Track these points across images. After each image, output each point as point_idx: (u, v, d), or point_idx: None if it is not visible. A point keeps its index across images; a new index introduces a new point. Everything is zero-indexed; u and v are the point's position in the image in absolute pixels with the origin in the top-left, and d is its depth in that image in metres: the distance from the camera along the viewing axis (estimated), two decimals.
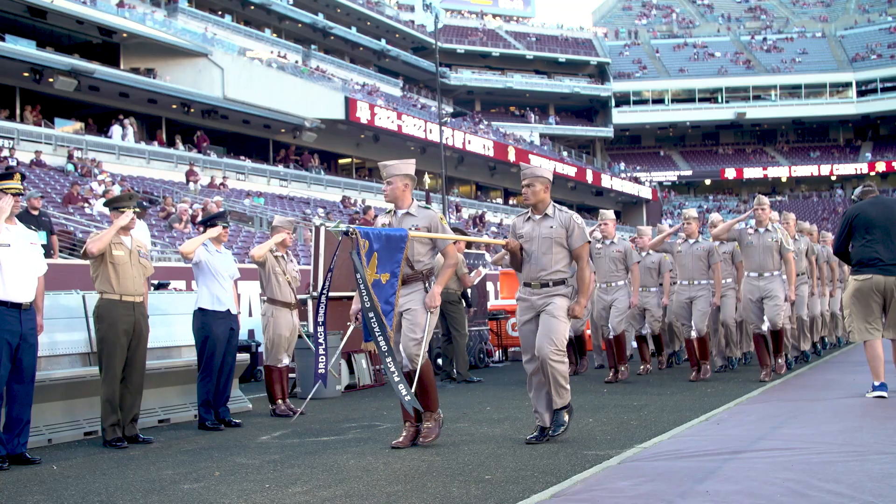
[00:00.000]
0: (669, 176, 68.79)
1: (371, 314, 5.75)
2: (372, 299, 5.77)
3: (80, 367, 7.36)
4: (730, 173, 67.51)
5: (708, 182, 69.27)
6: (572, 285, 6.17)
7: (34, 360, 6.15)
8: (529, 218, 6.26)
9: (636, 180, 62.19)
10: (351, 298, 10.57)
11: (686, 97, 67.46)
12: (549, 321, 6.01)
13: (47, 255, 8.86)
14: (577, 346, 11.48)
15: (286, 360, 8.46)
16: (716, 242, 10.18)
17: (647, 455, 5.28)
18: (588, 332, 12.03)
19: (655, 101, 67.54)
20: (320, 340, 6.34)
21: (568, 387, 6.07)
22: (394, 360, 5.71)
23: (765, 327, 9.36)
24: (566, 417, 6.10)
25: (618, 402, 8.27)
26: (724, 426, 6.42)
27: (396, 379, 5.69)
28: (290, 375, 9.34)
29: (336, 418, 7.95)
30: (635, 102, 67.38)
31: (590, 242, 6.22)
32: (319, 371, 6.39)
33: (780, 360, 9.55)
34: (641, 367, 10.90)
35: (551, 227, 6.11)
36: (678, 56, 71.02)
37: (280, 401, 8.34)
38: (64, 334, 7.42)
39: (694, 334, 9.93)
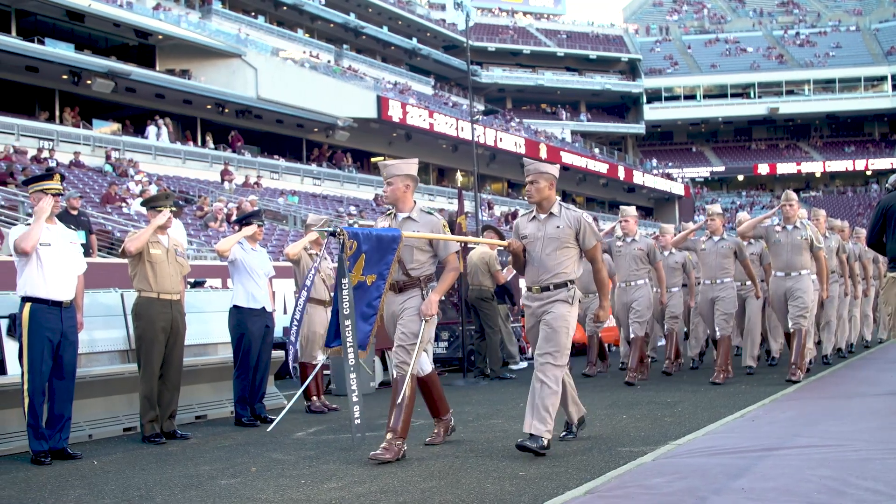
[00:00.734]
0: (702, 172, 68.25)
1: (347, 322, 5.37)
2: (350, 307, 5.38)
3: (119, 364, 7.48)
4: (763, 169, 66.84)
5: (741, 178, 68.64)
6: (575, 287, 5.71)
7: (75, 358, 6.26)
8: (534, 217, 5.85)
9: (668, 177, 61.77)
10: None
11: (718, 93, 66.84)
12: (548, 333, 5.60)
13: (86, 254, 8.99)
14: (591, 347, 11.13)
15: (321, 357, 8.53)
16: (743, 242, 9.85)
17: (682, 452, 5.27)
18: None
19: (687, 97, 67.00)
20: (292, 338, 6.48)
21: (552, 417, 5.47)
22: (358, 377, 5.33)
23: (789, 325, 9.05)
24: (545, 442, 5.45)
25: (651, 398, 8.24)
26: (758, 423, 6.39)
27: (354, 399, 5.30)
28: (325, 372, 9.41)
29: (370, 414, 7.97)
30: (667, 98, 66.88)
31: (601, 241, 5.87)
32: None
33: (798, 365, 8.94)
34: (666, 363, 10.69)
35: (557, 226, 5.70)
36: (710, 52, 70.42)
37: (315, 397, 8.41)
38: (103, 332, 7.54)
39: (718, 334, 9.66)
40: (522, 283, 6.43)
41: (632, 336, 9.82)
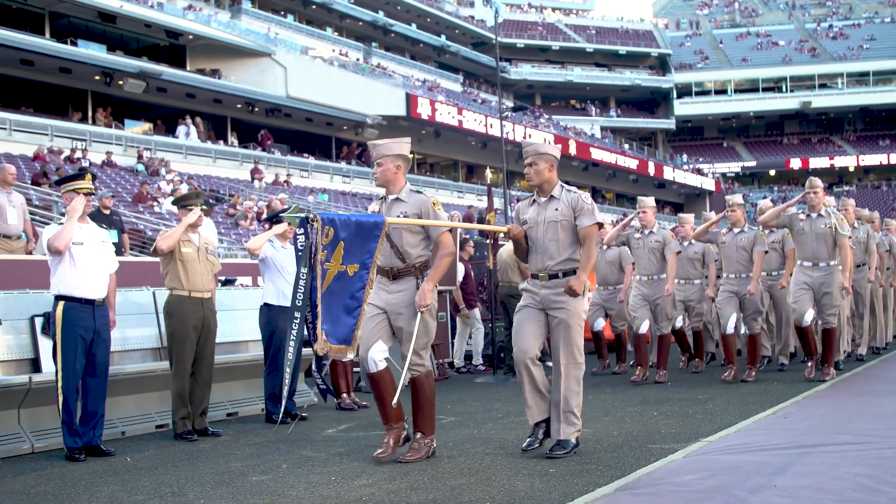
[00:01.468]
0: (733, 167, 67.64)
1: (297, 315, 5.14)
2: (305, 298, 5.15)
3: (151, 362, 7.54)
4: (795, 163, 66.08)
5: (772, 173, 67.95)
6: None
7: (107, 355, 6.32)
8: (534, 201, 5.61)
9: (699, 172, 61.32)
10: None
11: (749, 87, 66.23)
12: (564, 333, 5.41)
13: (118, 252, 9.07)
14: (597, 344, 10.97)
15: (351, 355, 8.51)
16: (765, 231, 9.41)
17: (713, 449, 5.24)
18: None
19: (718, 92, 66.45)
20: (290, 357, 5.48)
21: (579, 413, 5.46)
22: (291, 373, 5.27)
23: (807, 317, 8.63)
24: (573, 441, 5.44)
25: (682, 395, 8.19)
26: (791, 420, 6.32)
27: (286, 396, 5.32)
28: (355, 369, 9.42)
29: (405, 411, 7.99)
30: (697, 93, 66.38)
31: (601, 225, 5.54)
32: (320, 385, 5.77)
33: (829, 367, 8.75)
34: (694, 362, 10.43)
35: (557, 209, 5.47)
36: (741, 45, 69.79)
37: (345, 394, 8.44)
38: (135, 330, 7.61)
39: (744, 331, 9.37)
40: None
41: (658, 334, 9.63)
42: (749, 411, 6.80)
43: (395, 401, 5.38)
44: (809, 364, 8.87)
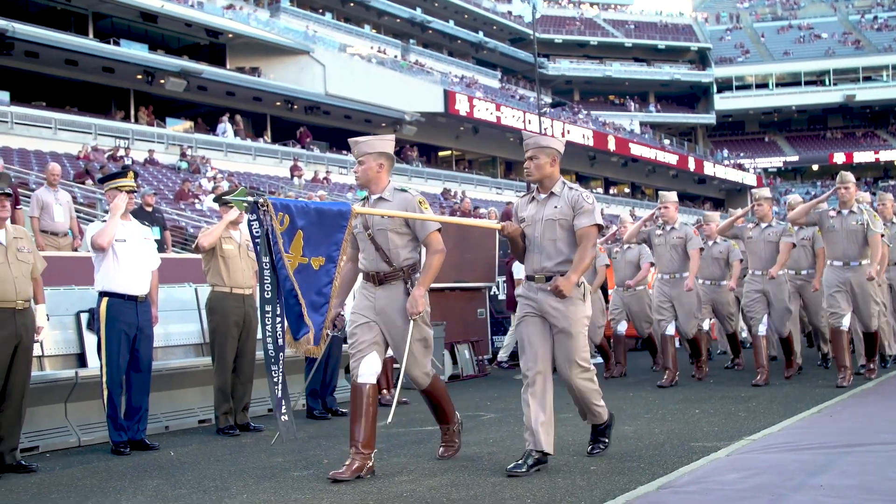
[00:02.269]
0: (775, 162, 66.80)
1: (268, 307, 4.78)
2: (274, 290, 4.77)
3: (194, 358, 7.63)
4: (838, 158, 65.03)
5: (815, 168, 67.00)
6: (584, 281, 5.11)
7: (150, 351, 6.40)
8: (534, 198, 5.24)
9: (740, 167, 60.66)
10: (453, 290, 10.69)
11: (791, 81, 65.29)
12: (566, 343, 5.03)
13: (160, 249, 9.18)
14: (616, 347, 10.46)
15: (390, 351, 8.55)
16: (794, 227, 8.99)
17: (757, 447, 5.17)
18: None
19: (759, 86, 65.60)
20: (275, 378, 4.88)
21: (602, 403, 5.28)
22: (279, 369, 4.81)
23: (844, 320, 8.19)
24: (606, 434, 5.42)
25: (724, 393, 8.11)
26: (837, 419, 6.23)
27: (279, 394, 4.85)
28: (395, 366, 9.45)
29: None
30: (738, 88, 65.59)
31: (601, 227, 5.14)
32: (282, 417, 4.86)
33: (871, 365, 8.54)
34: (699, 366, 9.71)
35: (556, 206, 5.08)
36: (782, 39, 68.85)
37: (385, 391, 8.46)
38: (177, 326, 7.70)
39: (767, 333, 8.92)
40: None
41: (687, 337, 9.29)
42: (793, 410, 6.71)
43: (389, 418, 5.05)
44: (843, 375, 8.18)
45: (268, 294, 4.76)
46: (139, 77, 32.29)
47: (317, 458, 5.64)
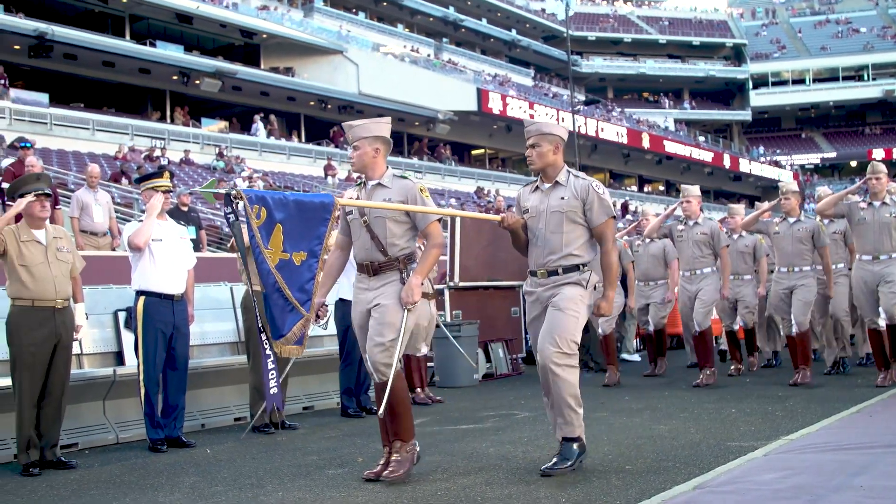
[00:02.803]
0: (812, 159, 66.00)
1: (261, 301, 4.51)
2: (277, 278, 4.52)
3: (229, 356, 7.69)
4: (878, 154, 63.80)
5: (854, 164, 66.05)
6: (590, 270, 4.83)
7: (187, 349, 6.46)
8: (537, 188, 4.98)
9: (776, 164, 60.02)
10: (486, 289, 10.68)
11: (829, 76, 64.50)
12: (553, 315, 4.73)
13: (196, 249, 9.27)
14: (656, 343, 10.00)
15: (424, 350, 8.58)
16: (824, 221, 8.75)
17: (795, 447, 5.11)
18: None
19: (795, 82, 64.88)
20: (267, 352, 4.78)
21: (580, 410, 4.77)
22: (277, 369, 4.69)
23: (880, 321, 7.89)
24: (576, 449, 4.75)
25: (761, 392, 8.02)
26: (877, 418, 6.15)
27: (273, 392, 4.70)
28: (429, 364, 9.47)
29: (474, 406, 8.02)
30: (774, 84, 64.91)
31: (615, 217, 4.88)
32: (271, 391, 4.82)
33: None
34: (732, 366, 9.59)
35: (562, 198, 4.81)
36: (820, 34, 68.00)
37: (419, 389, 8.47)
38: (213, 324, 7.76)
39: (794, 330, 8.45)
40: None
41: (696, 330, 8.80)
42: (831, 409, 6.62)
43: (380, 411, 4.71)
44: (883, 375, 7.97)
45: (255, 286, 4.61)
46: (175, 78, 32.63)
47: (351, 456, 5.66)
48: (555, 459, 4.74)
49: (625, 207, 38.46)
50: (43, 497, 4.88)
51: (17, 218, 5.75)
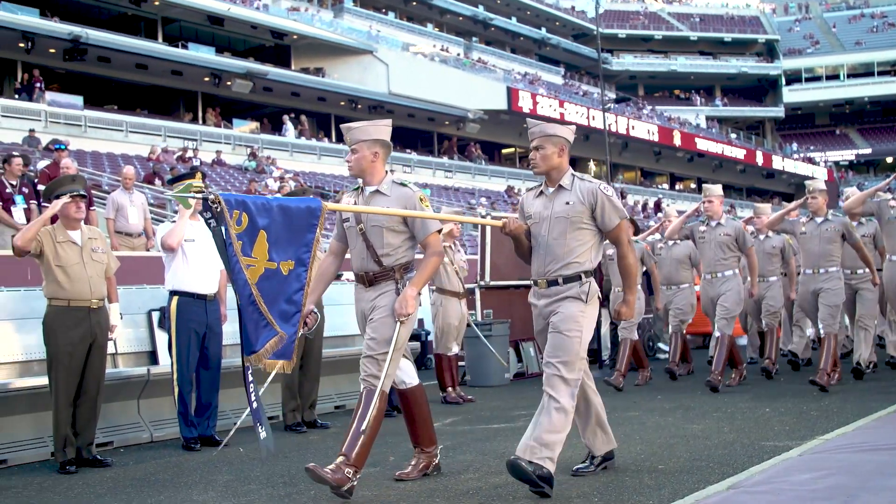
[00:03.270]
0: (846, 155, 65.15)
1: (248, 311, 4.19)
2: (253, 291, 4.18)
3: None
4: None
5: (889, 160, 65.16)
6: (591, 280, 4.56)
7: (220, 349, 6.51)
8: (542, 192, 4.72)
9: (810, 161, 59.32)
10: (517, 288, 10.66)
11: (864, 71, 63.57)
12: (554, 339, 4.48)
13: None
14: (674, 347, 9.64)
15: (455, 349, 8.59)
16: (853, 222, 8.38)
17: (831, 447, 5.06)
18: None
19: (829, 78, 64.06)
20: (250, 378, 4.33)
21: (556, 451, 4.34)
22: (255, 381, 4.33)
23: None
24: (544, 471, 4.29)
25: (796, 391, 7.94)
26: None
27: (255, 405, 4.35)
28: (460, 364, 9.48)
29: (506, 405, 8.01)
30: (807, 80, 64.15)
31: (628, 219, 4.62)
32: (253, 405, 4.39)
33: None
34: (766, 361, 9.26)
35: (567, 202, 4.54)
36: (854, 28, 67.10)
37: (450, 388, 8.48)
38: None
39: (822, 332, 8.17)
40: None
41: (717, 334, 8.50)
42: (868, 409, 6.54)
43: (363, 425, 4.48)
44: None
45: (243, 299, 4.20)
46: (206, 79, 32.88)
47: (383, 455, 5.67)
48: (586, 462, 4.76)
49: (657, 206, 38.28)
50: (80, 494, 4.94)
51: (53, 219, 5.83)
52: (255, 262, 4.21)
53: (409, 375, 4.91)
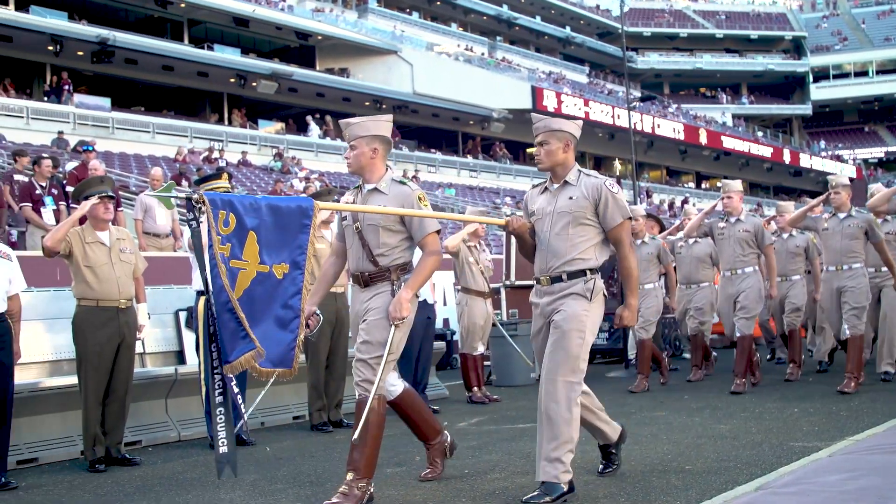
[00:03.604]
0: (875, 153, 64.47)
1: (215, 317, 4.01)
2: (231, 298, 3.97)
3: None
4: None
5: None
6: (596, 278, 4.39)
7: None
8: (546, 188, 4.58)
9: (838, 158, 58.77)
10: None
11: (893, 68, 62.88)
12: (556, 339, 4.33)
13: None
14: (694, 349, 9.60)
15: (481, 348, 8.58)
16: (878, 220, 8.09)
17: (861, 448, 5.00)
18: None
19: (858, 74, 63.41)
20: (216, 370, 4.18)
21: (567, 459, 4.25)
22: (226, 399, 4.12)
23: None
24: (564, 488, 4.21)
25: (825, 391, 7.86)
26: None
27: (220, 425, 4.07)
28: (486, 363, 9.47)
29: (531, 405, 7.94)
30: (835, 76, 63.53)
31: (633, 219, 4.39)
32: (221, 448, 4.13)
33: None
34: (789, 369, 9.02)
35: (571, 197, 4.40)
36: (884, 24, 66.39)
37: (476, 388, 8.47)
38: None
39: (847, 333, 7.91)
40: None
41: (737, 335, 8.19)
42: None
43: (355, 435, 4.31)
44: None
45: (220, 304, 4.02)
46: (232, 80, 33.11)
47: (409, 454, 5.68)
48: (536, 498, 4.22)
49: (683, 204, 38.02)
50: (109, 492, 4.98)
51: (82, 220, 5.88)
52: (247, 265, 4.02)
53: (392, 384, 4.67)
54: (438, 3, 48.32)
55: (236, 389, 4.18)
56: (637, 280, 4.48)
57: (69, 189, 9.87)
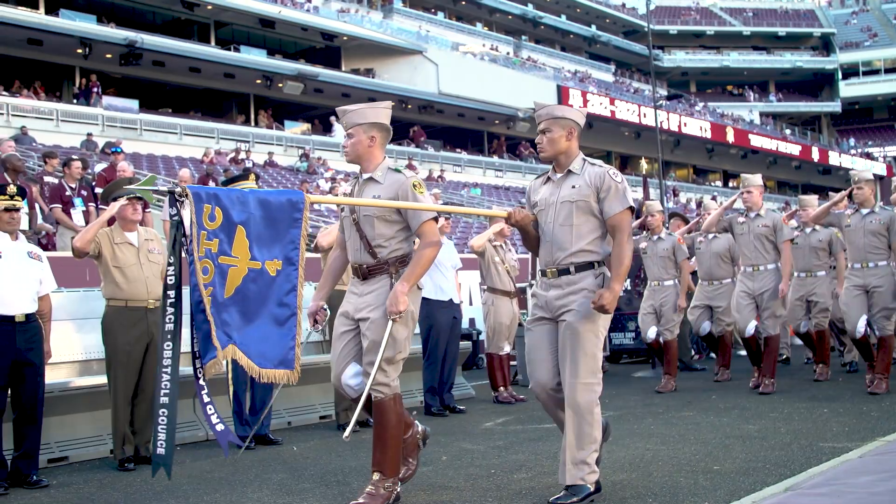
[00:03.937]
0: None
1: (169, 326, 3.92)
2: (203, 297, 3.83)
3: (314, 355, 7.78)
4: None
5: None
6: (603, 271, 4.28)
7: None
8: (549, 178, 4.45)
9: (868, 156, 58.16)
10: None
11: None
12: (569, 341, 4.20)
13: None
14: (719, 350, 9.46)
15: (507, 348, 8.57)
16: None
17: (892, 449, 4.95)
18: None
19: (888, 71, 62.62)
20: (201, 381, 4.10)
21: (592, 459, 4.19)
22: (211, 400, 4.05)
23: None
24: (591, 488, 4.17)
25: (855, 390, 7.78)
26: None
27: (161, 427, 4.02)
28: (512, 363, 9.45)
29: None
30: (865, 73, 62.81)
31: (633, 209, 4.24)
32: (216, 426, 4.12)
33: None
34: (817, 368, 8.89)
35: (574, 186, 4.27)
36: None
37: (502, 388, 8.46)
38: None
39: (859, 332, 7.72)
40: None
41: (764, 335, 8.07)
42: None
43: (346, 434, 4.30)
44: None
45: (169, 316, 3.96)
46: (258, 81, 33.29)
47: (435, 454, 5.68)
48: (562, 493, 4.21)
49: (700, 204, 37.77)
50: (138, 491, 5.03)
51: (111, 221, 5.94)
52: (237, 261, 3.87)
53: (353, 375, 4.48)
54: (463, 2, 48.32)
55: (207, 399, 4.03)
56: (627, 269, 4.23)
57: (98, 190, 9.96)
